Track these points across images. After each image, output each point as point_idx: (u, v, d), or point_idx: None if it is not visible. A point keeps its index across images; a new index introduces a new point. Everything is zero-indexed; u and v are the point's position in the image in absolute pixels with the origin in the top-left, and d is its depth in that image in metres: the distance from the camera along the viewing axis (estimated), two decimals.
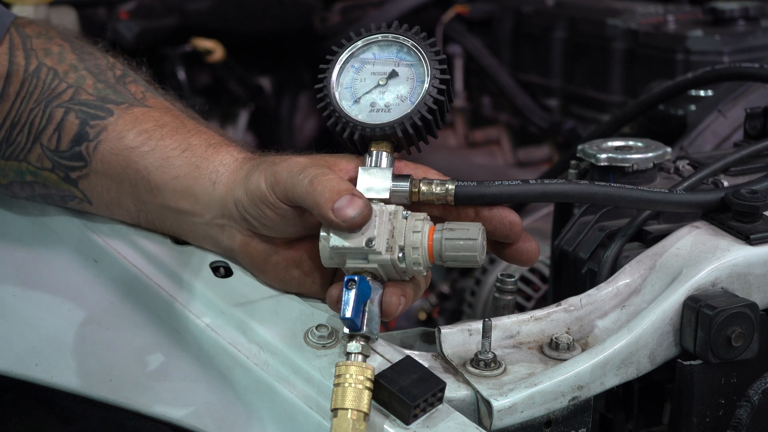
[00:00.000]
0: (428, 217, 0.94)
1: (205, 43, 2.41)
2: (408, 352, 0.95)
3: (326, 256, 0.93)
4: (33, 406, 1.10)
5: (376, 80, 0.97)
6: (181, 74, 2.37)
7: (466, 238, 0.92)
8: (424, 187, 0.95)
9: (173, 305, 1.02)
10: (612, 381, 0.96)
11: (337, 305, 0.93)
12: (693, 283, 0.99)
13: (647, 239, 1.09)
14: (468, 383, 0.93)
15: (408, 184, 0.95)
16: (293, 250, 0.99)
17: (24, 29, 1.09)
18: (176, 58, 2.37)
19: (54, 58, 1.08)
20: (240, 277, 1.03)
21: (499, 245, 0.99)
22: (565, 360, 0.95)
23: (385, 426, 0.88)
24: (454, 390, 0.93)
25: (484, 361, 0.94)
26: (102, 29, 2.17)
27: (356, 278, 0.90)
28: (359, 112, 0.96)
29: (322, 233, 0.93)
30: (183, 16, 2.35)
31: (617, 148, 1.21)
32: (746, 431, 1.00)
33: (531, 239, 0.97)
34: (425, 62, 0.96)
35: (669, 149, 1.22)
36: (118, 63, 1.12)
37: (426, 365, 0.90)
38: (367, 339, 0.91)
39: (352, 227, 0.90)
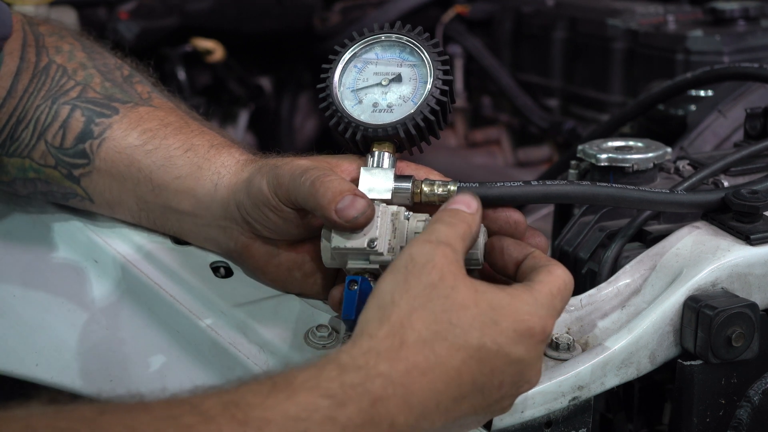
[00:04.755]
0: (430, 218, 0.94)
1: (205, 43, 2.41)
2: None
3: (328, 256, 0.93)
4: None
5: (379, 80, 0.97)
6: (181, 74, 2.37)
7: None
8: (426, 188, 0.95)
9: (173, 305, 1.02)
10: (612, 381, 0.96)
11: (338, 306, 0.94)
12: (693, 284, 0.99)
13: (647, 239, 1.09)
14: None
15: (410, 184, 0.95)
16: (295, 252, 0.99)
17: (38, 27, 1.10)
18: (176, 58, 2.38)
19: (64, 56, 1.08)
20: (240, 277, 1.03)
21: None
22: (565, 360, 0.95)
23: None
24: None
25: None
26: (102, 29, 2.18)
27: (358, 279, 0.91)
28: (361, 113, 0.96)
29: (324, 234, 0.93)
30: (183, 16, 2.35)
31: (617, 149, 1.21)
32: (746, 431, 1.00)
33: (538, 235, 0.97)
34: (428, 63, 0.96)
35: (669, 149, 1.22)
36: (126, 64, 1.12)
37: None
38: None
39: (354, 227, 0.90)
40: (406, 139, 0.95)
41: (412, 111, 0.95)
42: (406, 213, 0.93)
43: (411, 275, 0.81)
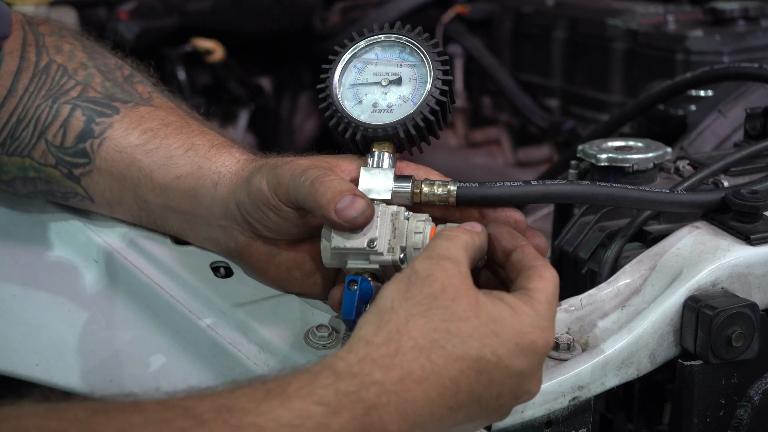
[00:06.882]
0: (430, 218, 0.94)
1: (205, 43, 2.41)
2: None
3: (327, 256, 0.93)
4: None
5: (379, 80, 0.97)
6: (181, 74, 2.37)
7: None
8: (425, 188, 0.95)
9: (174, 305, 1.02)
10: (612, 381, 0.96)
11: (338, 306, 0.94)
12: (693, 284, 0.99)
13: (647, 239, 1.09)
14: None
15: (410, 185, 0.95)
16: (295, 252, 0.99)
17: (38, 27, 1.10)
18: (176, 58, 2.38)
19: (65, 56, 1.08)
20: (240, 277, 1.03)
21: None
22: (565, 360, 0.95)
23: None
24: None
25: None
26: (102, 29, 2.17)
27: (358, 279, 0.91)
28: (361, 113, 0.96)
29: (324, 234, 0.93)
30: (183, 16, 2.35)
31: (617, 149, 1.21)
32: (747, 431, 1.00)
33: (538, 235, 0.97)
34: (428, 63, 0.96)
35: (669, 149, 1.22)
36: (126, 64, 1.12)
37: None
38: None
39: (354, 227, 0.91)
40: (406, 139, 0.95)
41: (412, 111, 0.95)
42: (406, 213, 0.93)
43: (413, 285, 0.81)
